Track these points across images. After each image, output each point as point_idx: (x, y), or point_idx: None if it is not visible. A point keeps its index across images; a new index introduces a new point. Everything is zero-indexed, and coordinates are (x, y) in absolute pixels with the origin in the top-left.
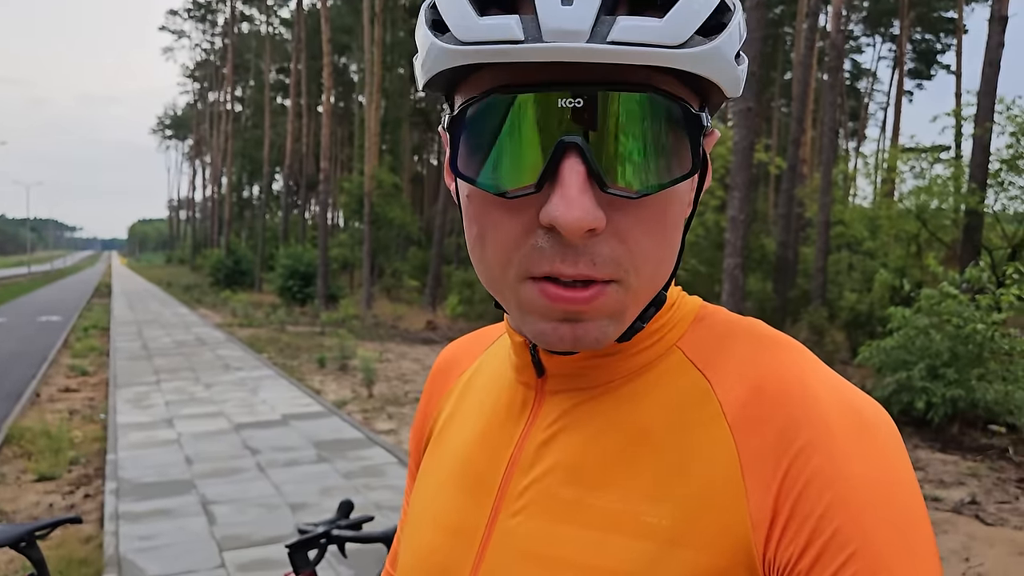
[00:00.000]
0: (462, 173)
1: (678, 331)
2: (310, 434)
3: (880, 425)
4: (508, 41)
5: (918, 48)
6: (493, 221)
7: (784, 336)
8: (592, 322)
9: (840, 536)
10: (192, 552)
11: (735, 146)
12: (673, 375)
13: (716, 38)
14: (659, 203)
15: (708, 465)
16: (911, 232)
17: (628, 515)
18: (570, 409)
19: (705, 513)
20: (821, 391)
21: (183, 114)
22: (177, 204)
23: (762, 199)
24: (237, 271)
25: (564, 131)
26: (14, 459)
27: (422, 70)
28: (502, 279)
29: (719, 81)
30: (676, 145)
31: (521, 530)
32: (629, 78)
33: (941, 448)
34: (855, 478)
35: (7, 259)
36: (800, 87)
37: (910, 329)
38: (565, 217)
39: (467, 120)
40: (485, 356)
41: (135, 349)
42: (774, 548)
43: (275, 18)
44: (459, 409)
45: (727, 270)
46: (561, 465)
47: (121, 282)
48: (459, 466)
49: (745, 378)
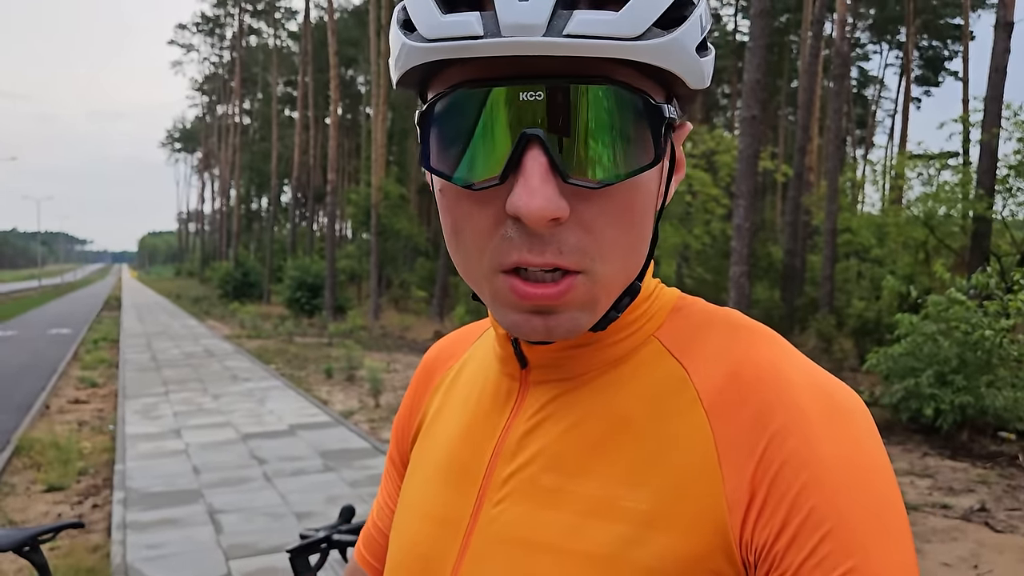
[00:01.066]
0: (432, 167)
1: (656, 321)
2: (317, 444)
3: (853, 409)
4: (468, 37)
5: (925, 55)
6: (465, 213)
7: (759, 325)
8: (563, 313)
9: (815, 516)
10: (199, 561)
11: (740, 154)
12: (651, 364)
13: (675, 30)
14: (623, 193)
15: (686, 451)
16: (919, 239)
17: (607, 500)
18: (552, 399)
19: (682, 497)
20: (795, 376)
21: (192, 127)
22: (186, 217)
23: (769, 207)
24: (245, 283)
25: (526, 124)
26: (24, 470)
27: (394, 69)
28: (477, 270)
29: (679, 72)
30: (637, 136)
31: (504, 517)
32: (590, 71)
33: (950, 455)
34: (829, 460)
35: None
36: (806, 95)
37: (918, 336)
38: (528, 206)
39: (435, 115)
40: (472, 351)
41: (144, 361)
42: (751, 530)
43: (283, 31)
44: (446, 403)
45: (733, 278)
46: (543, 453)
47: (131, 295)
48: (445, 458)
49: (721, 365)
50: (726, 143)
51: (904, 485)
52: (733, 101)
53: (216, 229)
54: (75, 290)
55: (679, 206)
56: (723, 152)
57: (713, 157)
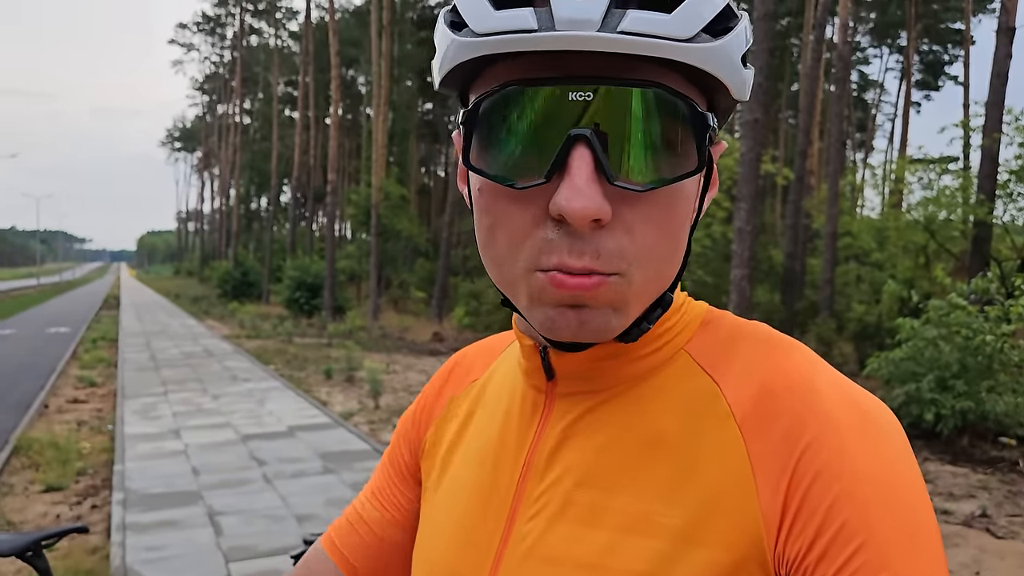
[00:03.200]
0: (474, 166)
1: (685, 335)
2: (316, 445)
3: (884, 423)
4: (523, 31)
5: (925, 59)
6: (504, 213)
7: (789, 338)
8: (595, 310)
9: (847, 530)
10: (198, 563)
11: (742, 157)
12: (681, 378)
13: (723, 37)
14: (665, 199)
15: (719, 466)
16: (919, 243)
17: (642, 516)
18: (582, 413)
19: (718, 512)
20: (827, 390)
21: (192, 127)
22: (186, 216)
23: (769, 210)
24: (245, 283)
25: (573, 124)
26: (22, 470)
27: (439, 68)
28: (512, 271)
29: (725, 79)
30: (682, 142)
31: (536, 534)
32: (638, 74)
33: (951, 460)
34: (861, 474)
35: (16, 271)
36: (807, 99)
37: (918, 340)
38: (572, 205)
39: (481, 114)
40: (496, 365)
41: (143, 360)
42: (783, 544)
43: (284, 31)
44: (471, 418)
45: (734, 281)
46: (575, 468)
47: (130, 294)
48: (473, 474)
49: (752, 379)
50: (728, 146)
51: None
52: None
53: (216, 228)
54: (74, 288)
55: None
56: (725, 155)
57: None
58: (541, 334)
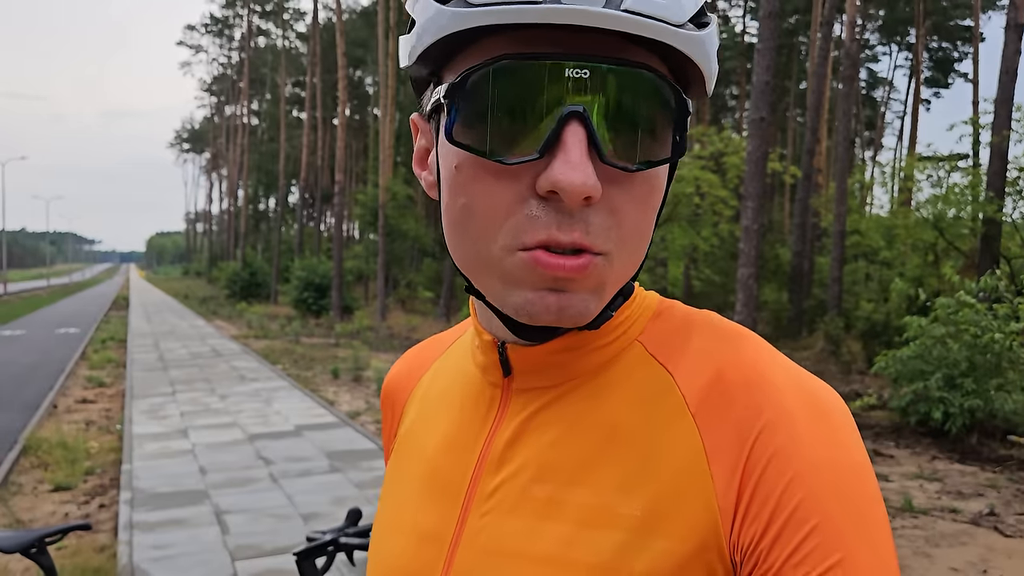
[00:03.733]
0: (459, 141)
1: (639, 326)
2: (323, 444)
3: (836, 409)
4: (525, 2)
5: (935, 56)
6: (485, 190)
7: (740, 327)
8: (576, 294)
9: (799, 513)
10: (205, 562)
11: (748, 156)
12: (636, 370)
13: (705, 29)
14: (647, 183)
15: (676, 456)
16: (928, 241)
17: (601, 508)
18: (538, 409)
19: (676, 503)
20: (779, 378)
21: (200, 128)
22: (194, 217)
23: (777, 209)
24: (253, 283)
25: (570, 101)
26: (31, 469)
27: (418, 41)
28: (487, 252)
29: (706, 70)
30: (667, 128)
31: (491, 529)
32: (630, 55)
33: (959, 459)
34: (813, 459)
35: (27, 272)
36: (815, 97)
37: (927, 339)
38: (568, 179)
39: (469, 87)
40: (440, 361)
41: (151, 361)
42: (738, 530)
43: (291, 32)
44: (420, 416)
45: (741, 280)
46: (531, 463)
47: (139, 295)
48: (424, 471)
49: (705, 369)
50: (734, 144)
51: (913, 489)
52: (741, 102)
53: (224, 229)
54: (83, 289)
55: (687, 208)
56: (731, 154)
57: (721, 159)
58: (516, 319)
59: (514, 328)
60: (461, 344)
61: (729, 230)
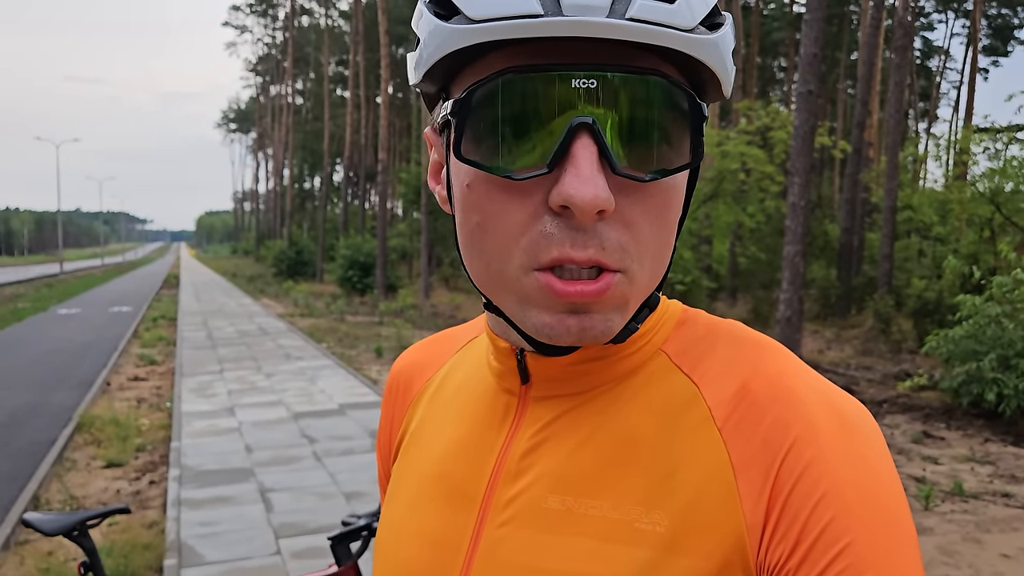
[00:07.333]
0: (467, 158)
1: (663, 334)
2: (366, 423)
3: (864, 426)
4: (527, 16)
5: (993, 24)
6: (497, 208)
7: (765, 337)
8: (598, 314)
9: (829, 533)
10: (250, 539)
11: (796, 131)
12: (659, 379)
13: (718, 31)
14: (663, 192)
15: (701, 470)
16: (984, 216)
17: (622, 523)
18: (556, 416)
19: (701, 519)
20: (806, 393)
21: (246, 108)
22: (242, 196)
23: (827, 184)
24: (299, 262)
25: (577, 112)
26: (85, 446)
27: (423, 60)
28: (503, 271)
29: (721, 73)
30: (681, 134)
31: (510, 541)
32: (640, 62)
33: (1013, 442)
34: (843, 477)
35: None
36: (865, 68)
37: (980, 318)
38: (579, 193)
39: (474, 103)
40: (453, 361)
41: (200, 339)
42: (766, 548)
43: (334, 11)
44: (430, 416)
45: (787, 257)
46: (549, 474)
47: (188, 273)
48: (436, 475)
49: (731, 381)
50: (782, 118)
51: (963, 472)
52: (789, 75)
53: (270, 208)
54: (136, 268)
55: (733, 184)
56: (778, 128)
57: (768, 133)
58: (536, 339)
59: (533, 342)
60: (476, 346)
61: (776, 206)
